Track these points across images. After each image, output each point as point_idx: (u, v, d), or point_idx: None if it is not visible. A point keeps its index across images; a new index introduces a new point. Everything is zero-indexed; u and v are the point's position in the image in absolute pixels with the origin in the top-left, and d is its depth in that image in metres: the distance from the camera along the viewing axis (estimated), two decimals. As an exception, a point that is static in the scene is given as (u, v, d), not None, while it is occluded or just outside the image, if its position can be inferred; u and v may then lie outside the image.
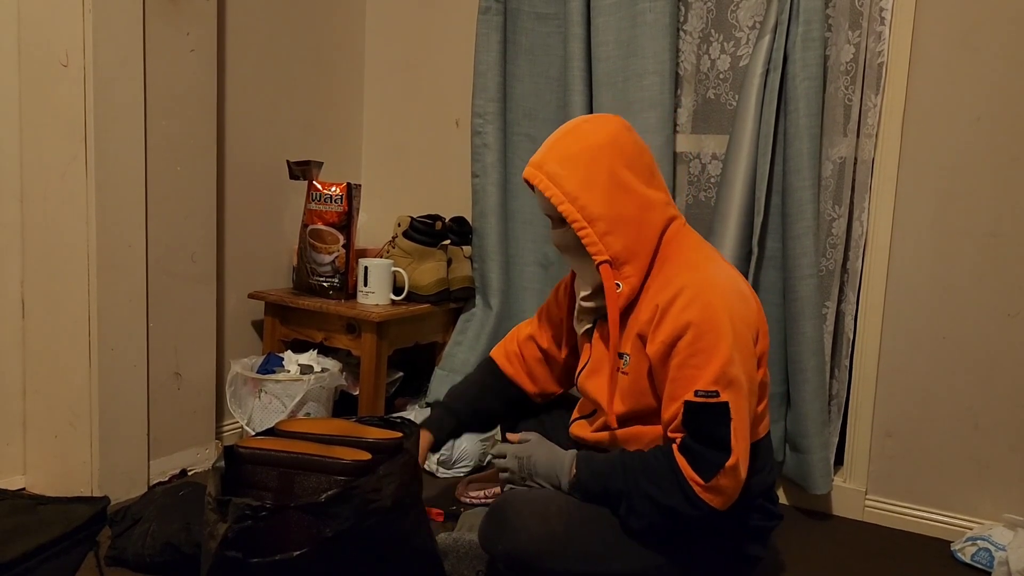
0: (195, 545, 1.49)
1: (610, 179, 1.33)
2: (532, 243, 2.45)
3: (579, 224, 1.32)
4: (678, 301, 1.27)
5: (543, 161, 1.36)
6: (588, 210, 1.32)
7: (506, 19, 2.35)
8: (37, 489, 1.92)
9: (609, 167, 1.33)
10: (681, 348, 1.25)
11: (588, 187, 1.32)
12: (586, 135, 1.36)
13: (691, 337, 1.24)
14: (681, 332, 1.25)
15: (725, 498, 1.26)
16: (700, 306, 1.26)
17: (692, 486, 1.24)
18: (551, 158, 1.36)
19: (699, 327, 1.24)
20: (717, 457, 1.23)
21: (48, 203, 1.83)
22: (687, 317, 1.25)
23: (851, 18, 1.95)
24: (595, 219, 1.32)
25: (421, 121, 2.65)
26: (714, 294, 1.28)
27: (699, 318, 1.25)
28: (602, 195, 1.32)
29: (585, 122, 1.40)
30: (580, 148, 1.34)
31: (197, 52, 2.00)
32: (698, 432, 1.25)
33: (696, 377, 1.24)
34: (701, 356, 1.24)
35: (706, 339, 1.24)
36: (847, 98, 1.98)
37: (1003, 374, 1.86)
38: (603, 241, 1.32)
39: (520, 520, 1.31)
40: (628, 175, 1.34)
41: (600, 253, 1.33)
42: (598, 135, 1.36)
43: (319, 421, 1.83)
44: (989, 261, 1.86)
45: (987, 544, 1.77)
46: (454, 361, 2.43)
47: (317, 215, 2.23)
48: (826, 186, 2.01)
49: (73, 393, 1.86)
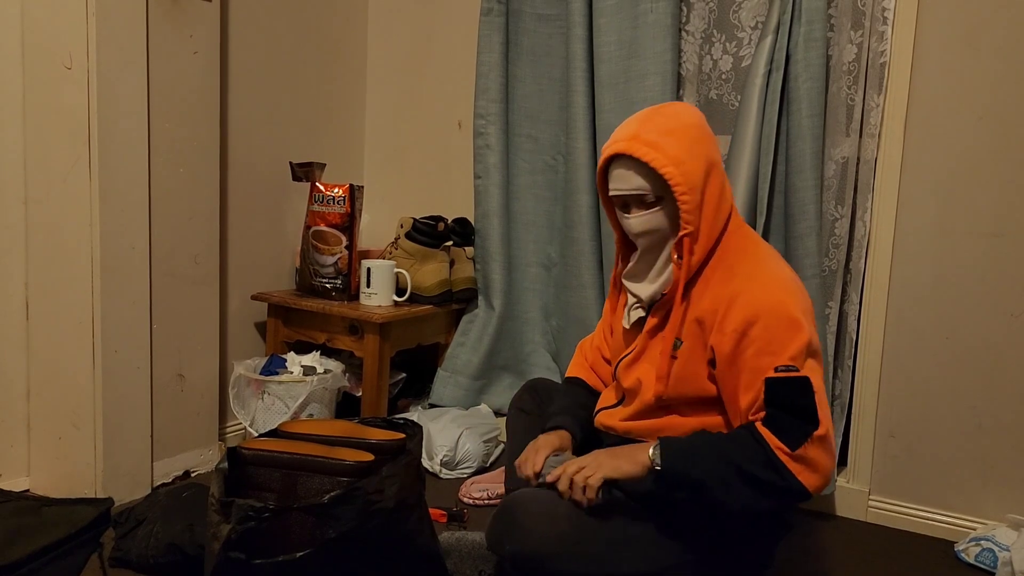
0: (199, 546, 1.50)
1: (706, 157, 1.32)
2: (534, 244, 2.45)
3: (681, 189, 1.28)
4: (746, 291, 1.26)
5: (637, 134, 1.31)
6: (691, 177, 1.28)
7: (508, 20, 2.35)
8: (41, 491, 1.92)
9: (704, 146, 1.32)
10: (755, 337, 1.24)
11: (691, 157, 1.29)
12: (678, 115, 1.34)
13: (763, 325, 1.23)
14: (753, 320, 1.24)
15: (819, 475, 1.20)
16: (770, 295, 1.26)
17: (779, 456, 1.18)
18: (647, 130, 1.31)
19: (771, 315, 1.24)
20: (804, 427, 1.19)
21: (52, 205, 1.83)
22: (757, 306, 1.25)
23: (853, 18, 1.95)
24: (694, 188, 1.29)
25: (423, 122, 2.65)
26: (780, 286, 1.28)
27: (770, 307, 1.24)
28: (701, 167, 1.30)
29: (668, 106, 1.38)
30: (677, 124, 1.32)
31: (200, 54, 2.01)
32: (782, 406, 1.21)
33: (774, 361, 1.22)
34: (776, 342, 1.23)
35: (780, 326, 1.23)
36: (849, 98, 1.97)
37: (1007, 374, 1.86)
38: (695, 212, 1.29)
39: (530, 520, 1.29)
40: (719, 159, 1.35)
41: (690, 223, 1.29)
42: (691, 115, 1.35)
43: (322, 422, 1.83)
44: (992, 260, 1.86)
45: (991, 544, 1.77)
46: (456, 362, 2.43)
47: (320, 216, 2.23)
48: (829, 186, 2.01)
49: (77, 395, 1.86)
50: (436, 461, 2.14)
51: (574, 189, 2.28)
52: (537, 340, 2.48)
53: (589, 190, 2.26)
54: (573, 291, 2.33)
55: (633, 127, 1.33)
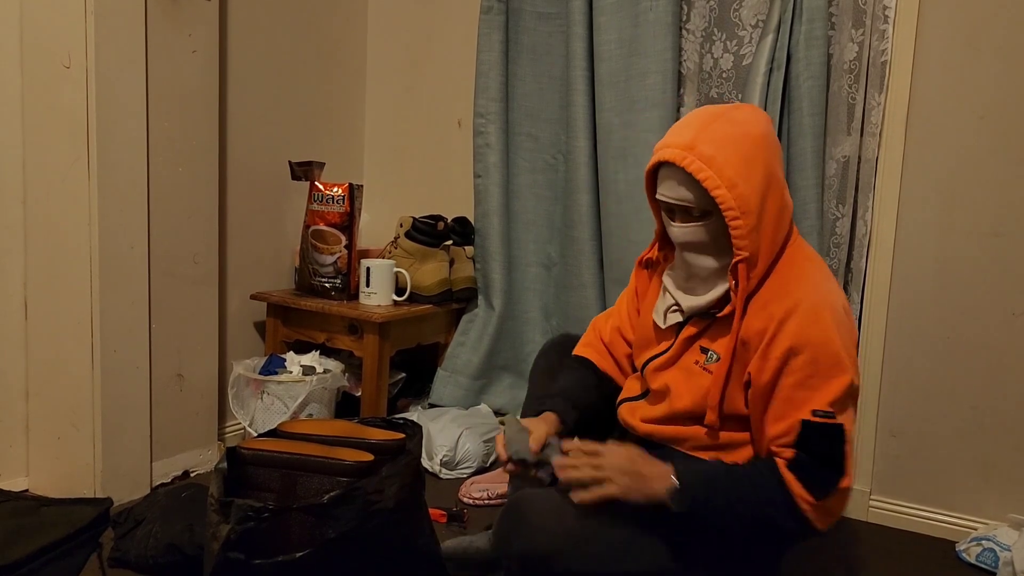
0: (198, 546, 1.49)
1: (765, 173, 1.23)
2: (535, 244, 2.45)
3: (733, 214, 1.20)
4: (795, 317, 1.21)
5: (694, 143, 1.22)
6: (745, 201, 1.21)
7: (508, 18, 2.35)
8: (40, 491, 1.92)
9: (766, 160, 1.24)
10: (796, 367, 1.20)
11: (748, 177, 1.21)
12: (742, 123, 1.25)
13: (807, 358, 1.19)
14: (798, 350, 1.20)
15: (832, 519, 1.22)
16: (820, 328, 1.20)
17: (800, 503, 1.19)
18: (704, 140, 1.22)
19: (817, 349, 1.19)
20: (832, 476, 1.19)
21: (50, 205, 1.83)
22: (805, 337, 1.20)
23: (854, 16, 1.95)
24: (749, 211, 1.21)
25: (423, 121, 2.65)
26: (832, 316, 1.22)
27: (818, 340, 1.20)
28: (759, 188, 1.22)
29: (735, 109, 1.28)
30: (739, 135, 1.23)
31: (199, 53, 2.00)
32: (814, 451, 1.20)
33: (810, 398, 1.19)
34: (818, 378, 1.19)
35: (824, 361, 1.19)
36: (851, 97, 1.97)
37: (1008, 373, 1.86)
38: (749, 236, 1.22)
39: (538, 518, 1.27)
40: (779, 172, 1.28)
41: (744, 249, 1.22)
42: (757, 124, 1.26)
43: (321, 422, 1.83)
44: (993, 260, 1.85)
45: (992, 544, 1.77)
46: (456, 362, 2.43)
47: (319, 216, 2.23)
48: (830, 185, 2.01)
49: (76, 395, 1.86)
50: (436, 461, 2.13)
51: (574, 188, 2.27)
52: (537, 340, 2.47)
53: (589, 189, 2.26)
54: (573, 291, 2.33)
55: (691, 133, 1.24)
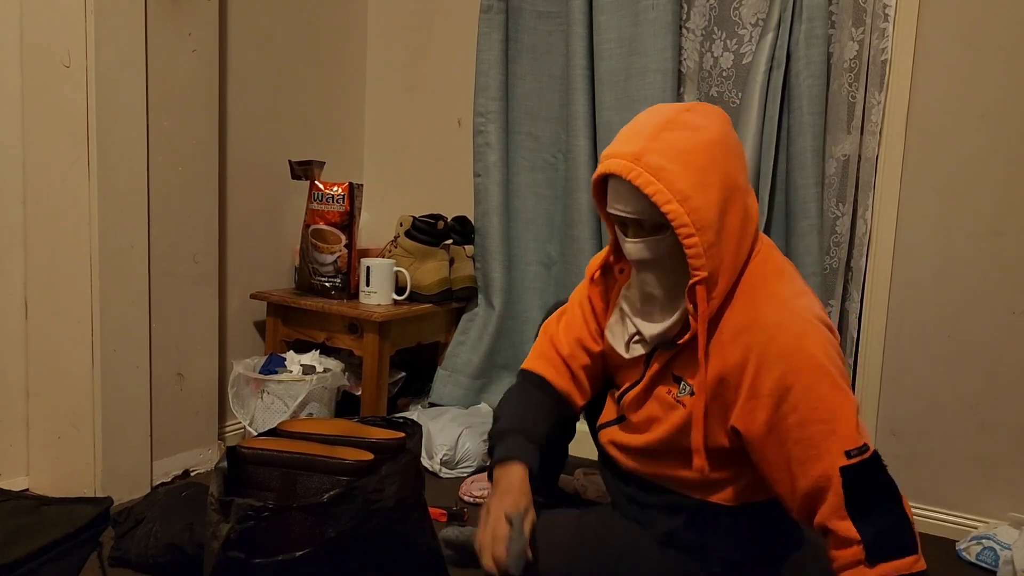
0: (198, 546, 1.49)
1: (724, 182, 1.12)
2: (535, 243, 2.45)
3: (687, 231, 1.10)
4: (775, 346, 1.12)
5: (641, 154, 1.11)
6: (700, 215, 1.10)
7: (508, 17, 2.35)
8: (40, 490, 1.92)
9: (723, 167, 1.13)
10: (795, 403, 1.10)
11: (702, 188, 1.10)
12: (696, 127, 1.13)
13: (803, 388, 1.10)
14: (789, 383, 1.11)
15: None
16: (805, 354, 1.11)
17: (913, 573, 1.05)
18: (652, 149, 1.11)
19: (808, 375, 1.10)
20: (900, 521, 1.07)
21: (50, 204, 1.83)
22: (793, 366, 1.11)
23: (855, 15, 1.95)
24: (705, 227, 1.10)
25: (423, 120, 2.65)
26: (815, 336, 1.13)
27: (808, 367, 1.11)
28: (716, 200, 1.11)
29: (688, 111, 1.16)
30: (692, 141, 1.12)
31: (199, 52, 2.00)
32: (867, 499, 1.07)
33: (828, 433, 1.08)
34: (823, 408, 1.09)
35: (821, 385, 1.10)
36: (851, 95, 1.97)
37: (1008, 372, 1.86)
38: (707, 254, 1.11)
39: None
40: (741, 179, 1.16)
41: (701, 269, 1.11)
42: (712, 128, 1.14)
43: (321, 421, 1.83)
44: (994, 258, 1.85)
45: (992, 543, 1.77)
46: (456, 361, 2.43)
47: (319, 215, 2.23)
48: (830, 184, 2.01)
49: (76, 394, 1.86)
50: (436, 460, 2.13)
51: (574, 187, 2.27)
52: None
53: (589, 188, 2.25)
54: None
55: (639, 143, 1.13)
